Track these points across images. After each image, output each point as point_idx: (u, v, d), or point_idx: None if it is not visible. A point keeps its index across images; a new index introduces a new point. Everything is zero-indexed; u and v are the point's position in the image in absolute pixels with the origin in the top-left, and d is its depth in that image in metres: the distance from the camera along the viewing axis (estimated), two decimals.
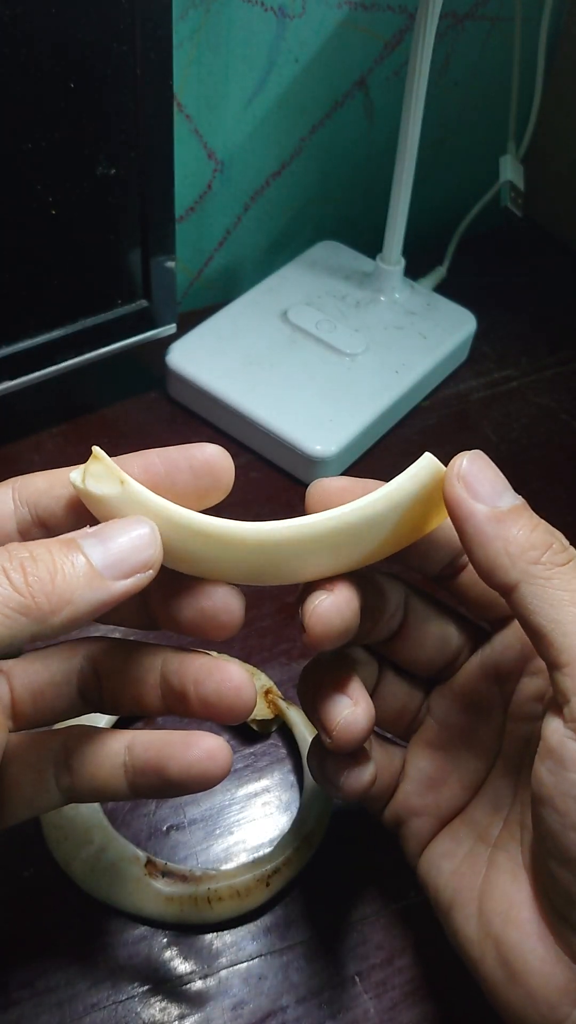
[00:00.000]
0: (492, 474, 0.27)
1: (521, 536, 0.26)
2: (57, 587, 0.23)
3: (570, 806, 0.25)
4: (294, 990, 0.36)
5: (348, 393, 0.53)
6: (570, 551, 0.27)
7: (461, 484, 0.26)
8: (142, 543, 0.25)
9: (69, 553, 0.24)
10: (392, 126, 0.53)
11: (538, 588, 0.26)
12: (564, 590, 0.26)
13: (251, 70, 0.56)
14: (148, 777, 0.28)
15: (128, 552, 0.25)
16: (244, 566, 0.27)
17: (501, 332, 0.62)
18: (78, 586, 0.24)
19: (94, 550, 0.24)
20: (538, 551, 0.26)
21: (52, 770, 0.29)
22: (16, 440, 0.54)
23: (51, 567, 0.24)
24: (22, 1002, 0.35)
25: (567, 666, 0.25)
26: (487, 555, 0.26)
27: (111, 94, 0.42)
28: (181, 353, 0.55)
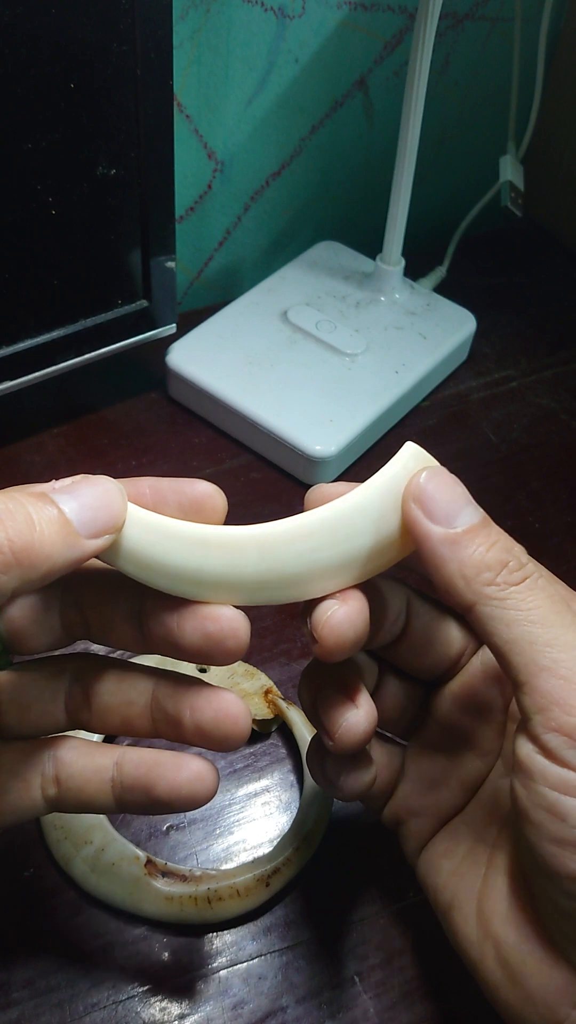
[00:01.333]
0: (449, 492, 0.27)
1: (476, 557, 0.26)
2: (37, 542, 0.23)
3: (542, 817, 0.25)
4: (294, 990, 0.36)
5: (348, 393, 0.53)
6: (526, 568, 0.26)
7: (417, 505, 0.26)
8: (110, 498, 0.25)
9: (44, 507, 0.24)
10: (392, 126, 0.53)
11: (493, 609, 0.26)
12: (517, 609, 0.26)
13: (251, 70, 0.56)
14: (136, 794, 0.28)
15: (99, 508, 0.25)
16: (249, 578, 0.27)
17: (501, 332, 0.62)
18: (56, 541, 0.24)
19: (68, 504, 0.24)
20: (492, 572, 0.26)
21: (39, 779, 0.29)
22: (16, 440, 0.54)
23: (29, 522, 0.23)
24: (22, 1002, 0.35)
25: (525, 685, 0.25)
26: (443, 578, 0.26)
27: (111, 94, 0.42)
28: (181, 353, 0.55)
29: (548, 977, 0.27)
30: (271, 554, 0.27)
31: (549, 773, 0.25)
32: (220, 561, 0.26)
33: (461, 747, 0.32)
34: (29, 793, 0.29)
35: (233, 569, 0.26)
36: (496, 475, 0.54)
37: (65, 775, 0.29)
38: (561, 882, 0.25)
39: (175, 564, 0.26)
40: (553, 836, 0.25)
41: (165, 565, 0.26)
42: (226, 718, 0.27)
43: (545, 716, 0.25)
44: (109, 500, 0.25)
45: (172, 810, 0.28)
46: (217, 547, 0.26)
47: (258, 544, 0.27)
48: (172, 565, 0.26)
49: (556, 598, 0.26)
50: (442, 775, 0.32)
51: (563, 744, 0.25)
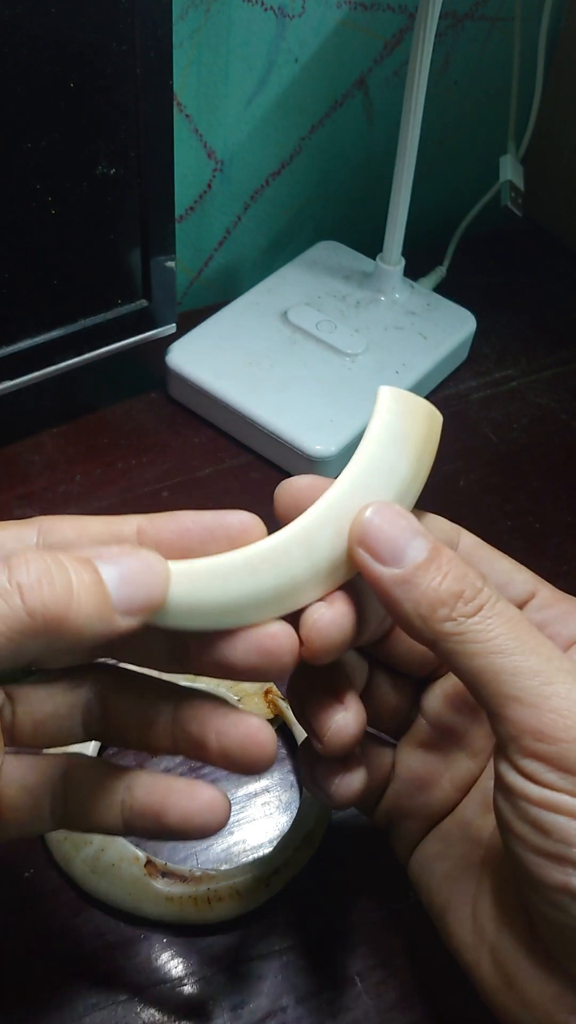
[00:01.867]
0: (392, 528, 0.26)
1: (429, 593, 0.25)
2: (71, 615, 0.23)
3: (525, 831, 0.25)
4: (294, 990, 0.36)
5: (348, 393, 0.53)
6: (481, 596, 0.26)
7: (362, 548, 0.26)
8: (154, 577, 0.24)
9: (85, 573, 0.23)
10: (392, 126, 0.53)
11: (453, 645, 0.25)
12: (476, 641, 0.25)
13: (251, 70, 0.56)
14: (146, 820, 0.28)
15: (140, 585, 0.24)
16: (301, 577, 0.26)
17: (501, 332, 0.62)
18: (91, 615, 0.23)
19: (110, 574, 0.24)
20: (447, 607, 0.25)
21: (49, 797, 0.28)
22: (16, 440, 0.54)
23: (68, 590, 0.23)
24: (22, 1002, 0.35)
25: (495, 715, 0.25)
26: (400, 619, 0.26)
27: (111, 94, 0.42)
28: (181, 353, 0.55)
29: (545, 984, 0.27)
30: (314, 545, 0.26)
31: (530, 792, 0.25)
32: (272, 573, 0.26)
33: (452, 747, 0.32)
34: (38, 809, 0.28)
35: (287, 575, 0.26)
36: (496, 475, 0.54)
37: (75, 793, 0.28)
38: (547, 893, 0.25)
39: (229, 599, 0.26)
40: (537, 849, 0.25)
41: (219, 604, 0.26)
42: (253, 744, 0.27)
43: (519, 744, 0.25)
44: (152, 579, 0.24)
45: (182, 838, 0.28)
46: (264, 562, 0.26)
47: (299, 541, 0.26)
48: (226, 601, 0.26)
49: (515, 621, 0.26)
50: (433, 775, 0.32)
51: (540, 768, 0.25)
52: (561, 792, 0.24)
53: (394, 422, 0.27)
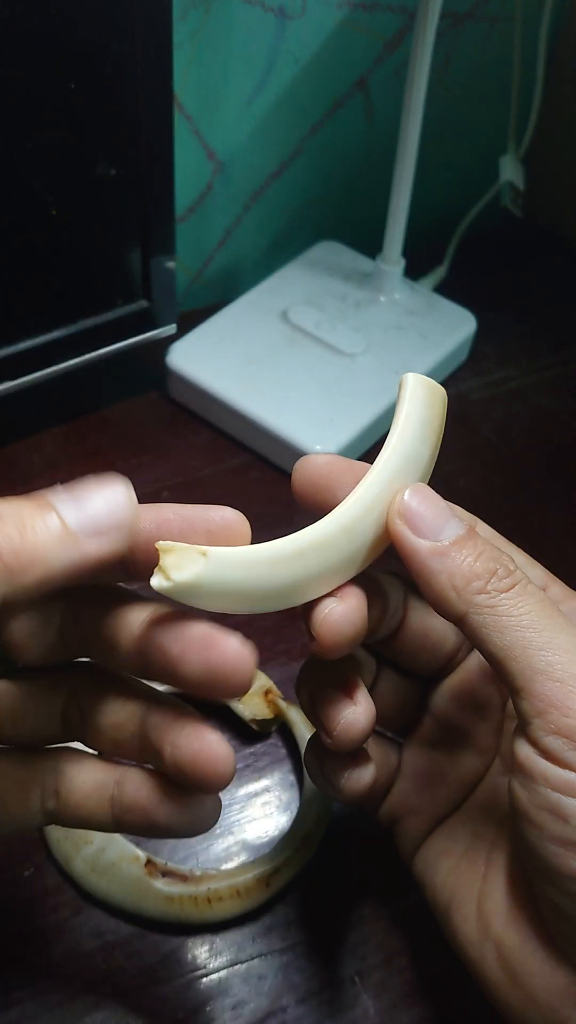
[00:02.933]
0: (433, 507, 0.27)
1: (465, 567, 0.26)
2: (27, 544, 0.22)
3: (544, 818, 0.25)
4: (294, 990, 0.36)
5: (348, 393, 0.53)
6: (515, 575, 0.27)
7: (402, 521, 0.27)
8: (118, 503, 0.24)
9: (41, 512, 0.23)
10: (392, 126, 0.53)
11: (484, 617, 0.26)
12: (508, 615, 0.26)
13: (251, 70, 0.56)
14: (135, 816, 0.27)
15: (103, 512, 0.24)
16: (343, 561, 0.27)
17: (501, 332, 0.62)
18: (49, 543, 0.23)
19: (67, 509, 0.23)
20: (482, 580, 0.26)
21: (39, 791, 0.28)
22: (16, 440, 0.54)
23: (20, 524, 0.23)
24: (22, 1002, 0.35)
25: (522, 690, 0.25)
26: (433, 590, 0.26)
27: (111, 94, 0.42)
28: (181, 353, 0.55)
29: (550, 979, 0.27)
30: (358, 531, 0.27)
31: (551, 775, 0.25)
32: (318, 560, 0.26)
33: (458, 745, 0.32)
34: (28, 804, 0.28)
35: (331, 562, 0.27)
36: (496, 475, 0.54)
37: (65, 789, 0.28)
38: (563, 883, 0.25)
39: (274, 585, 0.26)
40: (556, 837, 0.25)
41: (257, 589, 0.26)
42: (206, 760, 0.25)
43: (544, 719, 0.25)
44: (114, 500, 0.24)
45: (170, 835, 0.27)
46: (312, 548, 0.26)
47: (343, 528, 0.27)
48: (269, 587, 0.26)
49: (545, 602, 0.26)
50: (439, 773, 0.32)
51: (563, 746, 0.25)
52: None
53: (421, 410, 0.28)
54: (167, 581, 0.24)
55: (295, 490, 0.29)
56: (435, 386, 0.28)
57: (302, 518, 0.28)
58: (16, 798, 0.28)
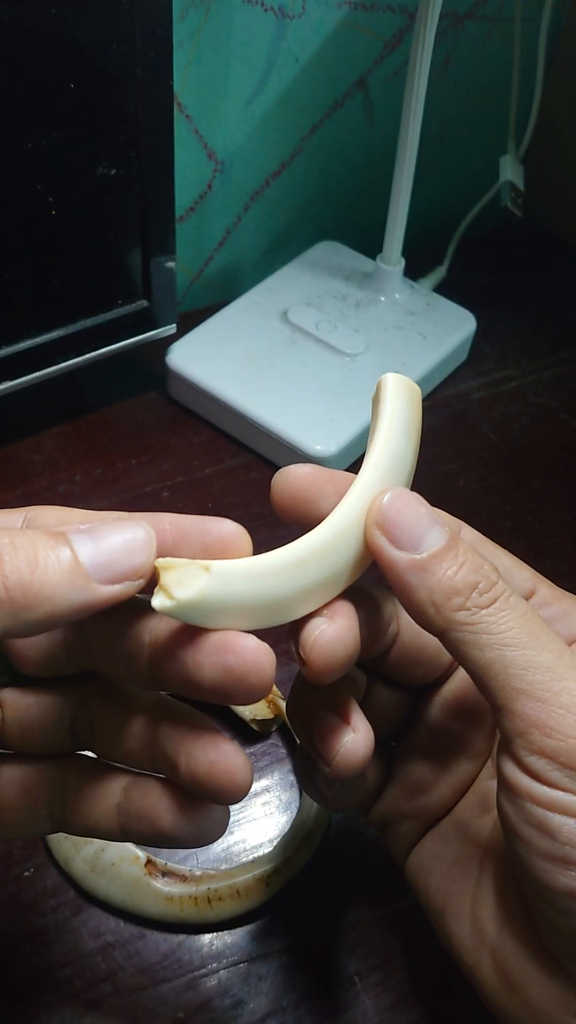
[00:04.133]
0: (413, 514, 0.26)
1: (444, 581, 0.25)
2: (36, 581, 0.22)
3: (531, 834, 0.25)
4: (294, 990, 0.36)
5: (348, 393, 0.53)
6: (496, 588, 0.26)
7: (380, 531, 0.26)
8: (136, 546, 0.23)
9: (56, 546, 0.22)
10: (392, 126, 0.53)
11: (465, 635, 0.25)
12: (489, 633, 0.25)
13: (251, 70, 0.56)
14: (142, 825, 0.27)
15: (120, 554, 0.23)
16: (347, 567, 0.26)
17: (501, 332, 0.62)
18: (60, 582, 0.22)
19: (84, 547, 0.23)
20: (462, 596, 0.25)
21: (47, 798, 0.28)
22: (16, 440, 0.54)
23: (32, 558, 0.22)
24: (22, 1002, 0.35)
25: (503, 708, 0.25)
26: (412, 605, 0.26)
27: (111, 94, 0.42)
28: (181, 353, 0.55)
29: (546, 987, 0.27)
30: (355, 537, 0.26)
31: (535, 792, 0.25)
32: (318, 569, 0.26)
33: (451, 751, 0.32)
34: (36, 812, 0.28)
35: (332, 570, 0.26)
36: (496, 475, 0.54)
37: (73, 797, 0.28)
38: (552, 897, 0.25)
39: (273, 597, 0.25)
40: (543, 852, 0.25)
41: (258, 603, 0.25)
42: (222, 772, 0.25)
43: (525, 739, 0.25)
44: (133, 546, 0.23)
45: (177, 846, 0.27)
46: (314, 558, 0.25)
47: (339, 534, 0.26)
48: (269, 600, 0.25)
49: (528, 616, 0.26)
50: (431, 778, 0.32)
51: (546, 766, 0.24)
52: (567, 792, 0.24)
53: (403, 410, 0.27)
54: (170, 600, 0.23)
55: (275, 503, 0.28)
56: (413, 386, 0.28)
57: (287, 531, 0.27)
58: (24, 805, 0.28)
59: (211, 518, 0.26)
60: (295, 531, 0.27)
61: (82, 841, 0.37)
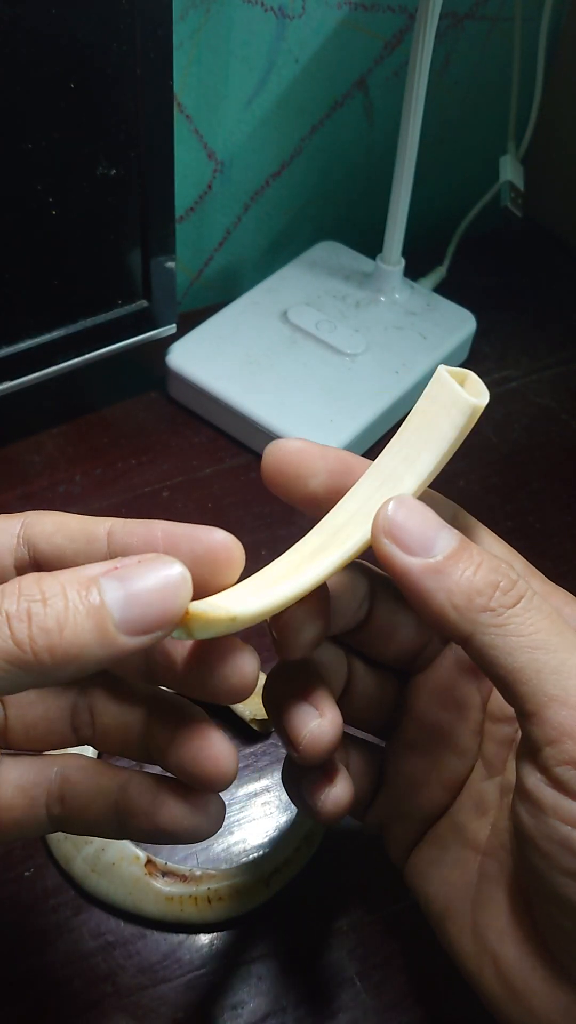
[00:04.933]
0: (421, 518, 0.25)
1: (464, 583, 0.24)
2: (64, 642, 0.21)
3: (553, 849, 0.24)
4: (294, 990, 0.36)
5: (348, 393, 0.53)
6: (518, 586, 0.25)
7: (389, 539, 0.25)
8: (169, 594, 0.22)
9: (86, 598, 0.22)
10: (392, 126, 0.53)
11: (493, 638, 0.24)
12: (518, 635, 0.24)
13: (251, 70, 0.56)
14: (139, 821, 0.27)
15: (152, 606, 0.22)
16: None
17: (501, 332, 0.62)
18: (88, 642, 0.22)
19: (114, 594, 0.22)
20: (485, 597, 0.24)
21: (45, 798, 0.28)
22: (16, 440, 0.54)
23: (61, 616, 0.21)
24: (22, 1002, 0.35)
25: (534, 715, 0.24)
26: (432, 611, 0.24)
27: (111, 94, 0.42)
28: (181, 353, 0.55)
29: (551, 996, 0.26)
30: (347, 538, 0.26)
31: (562, 807, 0.24)
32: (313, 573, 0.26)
33: (439, 746, 0.31)
34: (34, 810, 0.28)
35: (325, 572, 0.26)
36: (496, 475, 0.54)
37: (71, 795, 0.28)
38: (572, 914, 0.24)
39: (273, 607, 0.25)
40: (565, 869, 0.24)
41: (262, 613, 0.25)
42: (206, 758, 0.25)
43: (557, 749, 0.24)
44: (167, 594, 0.22)
45: (174, 841, 0.27)
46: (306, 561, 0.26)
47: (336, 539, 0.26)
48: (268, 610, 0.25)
49: (554, 616, 0.25)
50: (422, 776, 0.31)
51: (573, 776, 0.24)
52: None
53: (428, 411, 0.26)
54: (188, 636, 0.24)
55: (264, 476, 0.27)
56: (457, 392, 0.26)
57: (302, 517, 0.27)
58: (22, 805, 0.28)
59: (202, 527, 0.26)
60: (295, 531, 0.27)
61: (82, 841, 0.37)
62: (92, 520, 0.27)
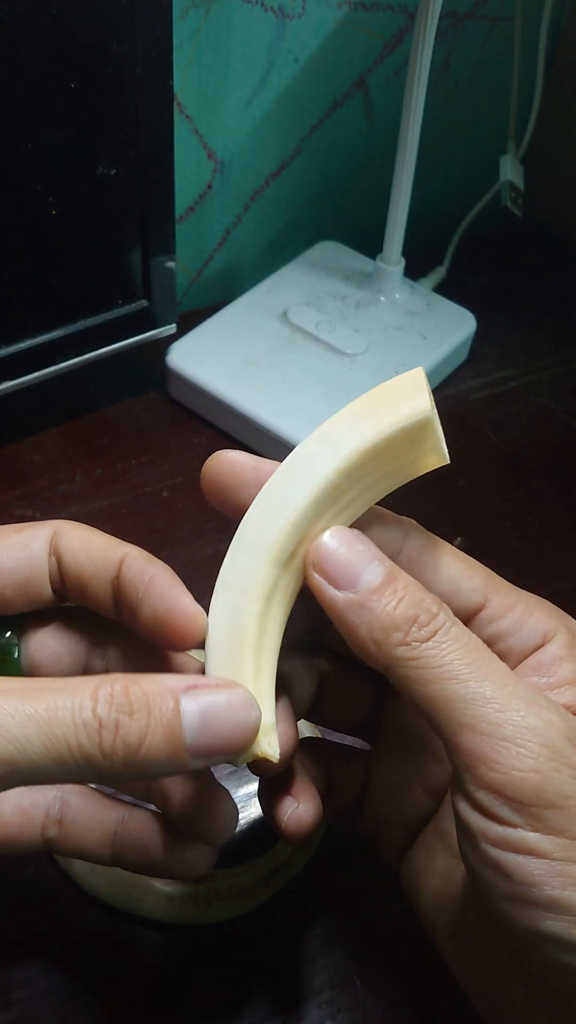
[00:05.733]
0: (349, 552, 0.26)
1: (384, 618, 0.25)
2: (139, 757, 0.22)
3: (488, 874, 0.24)
4: (294, 990, 0.36)
5: (348, 393, 0.53)
6: (436, 621, 0.26)
7: (318, 572, 0.26)
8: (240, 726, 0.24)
9: (167, 714, 0.23)
10: (392, 126, 0.53)
11: (407, 671, 0.25)
12: (429, 667, 0.25)
13: (251, 70, 0.56)
14: (136, 855, 0.29)
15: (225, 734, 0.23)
16: None
17: (501, 332, 0.62)
18: (160, 760, 0.23)
19: (191, 719, 0.23)
20: (402, 631, 0.25)
21: (42, 819, 0.29)
22: (16, 440, 0.54)
23: (143, 732, 0.22)
24: (22, 1002, 0.35)
25: (450, 743, 0.25)
26: (354, 643, 0.26)
27: (111, 94, 0.42)
28: (181, 353, 0.55)
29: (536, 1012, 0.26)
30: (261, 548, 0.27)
31: (488, 830, 0.24)
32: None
33: (420, 752, 0.31)
34: (29, 830, 0.29)
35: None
36: (496, 475, 0.54)
37: (69, 820, 0.29)
38: (517, 936, 0.25)
39: None
40: (501, 893, 0.24)
41: None
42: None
43: (472, 774, 0.24)
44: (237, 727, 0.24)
45: (166, 876, 0.29)
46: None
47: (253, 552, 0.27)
48: None
49: (471, 646, 0.25)
50: (405, 782, 0.32)
51: (494, 801, 0.24)
52: (516, 827, 0.24)
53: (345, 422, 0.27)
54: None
55: (202, 487, 0.28)
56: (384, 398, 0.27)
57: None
58: (19, 823, 0.29)
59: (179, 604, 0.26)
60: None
61: None
62: (113, 544, 0.28)
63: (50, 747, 0.22)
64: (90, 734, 0.22)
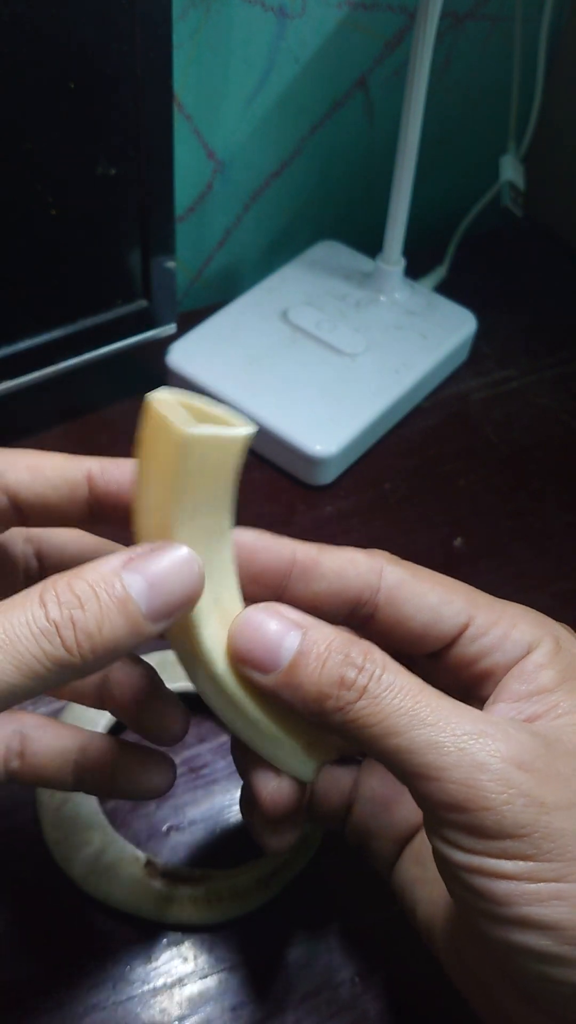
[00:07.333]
0: (260, 636, 0.26)
1: (312, 689, 0.25)
2: (104, 639, 0.23)
3: (465, 895, 0.25)
4: (294, 990, 0.36)
5: (348, 393, 0.53)
6: (363, 673, 0.25)
7: (244, 664, 0.26)
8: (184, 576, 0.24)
9: (115, 592, 0.23)
10: (392, 126, 0.53)
11: (350, 731, 0.25)
12: (367, 726, 0.25)
13: (251, 70, 0.56)
14: (97, 778, 0.30)
15: (173, 590, 0.24)
16: None
17: (501, 332, 0.62)
18: (122, 635, 0.23)
19: (138, 587, 0.24)
20: (332, 699, 0.25)
21: (3, 753, 0.30)
22: (16, 440, 0.54)
23: (99, 616, 0.23)
24: (22, 1002, 0.35)
25: (409, 788, 0.25)
26: (304, 714, 0.26)
27: (111, 94, 0.42)
28: (181, 353, 0.55)
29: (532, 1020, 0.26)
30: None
31: (457, 858, 0.25)
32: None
33: None
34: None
35: None
36: (496, 475, 0.54)
37: (30, 752, 0.30)
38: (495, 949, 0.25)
39: None
40: (478, 911, 0.25)
41: None
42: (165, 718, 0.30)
43: (435, 816, 0.25)
44: (182, 579, 0.24)
45: (127, 797, 0.31)
46: None
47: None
48: None
49: (405, 689, 0.25)
50: (393, 794, 0.31)
51: (459, 836, 0.24)
52: (481, 855, 0.24)
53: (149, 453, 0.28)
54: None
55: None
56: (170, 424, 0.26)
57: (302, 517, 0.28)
58: None
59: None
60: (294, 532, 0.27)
61: (82, 842, 0.37)
62: (68, 464, 0.28)
63: (20, 665, 0.22)
64: (51, 639, 0.23)
